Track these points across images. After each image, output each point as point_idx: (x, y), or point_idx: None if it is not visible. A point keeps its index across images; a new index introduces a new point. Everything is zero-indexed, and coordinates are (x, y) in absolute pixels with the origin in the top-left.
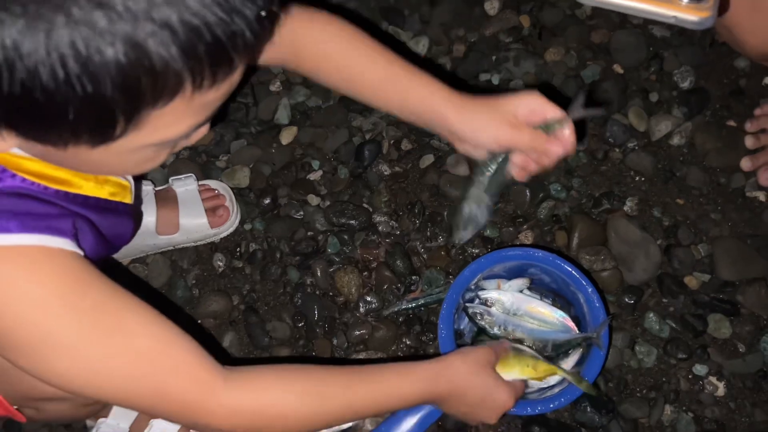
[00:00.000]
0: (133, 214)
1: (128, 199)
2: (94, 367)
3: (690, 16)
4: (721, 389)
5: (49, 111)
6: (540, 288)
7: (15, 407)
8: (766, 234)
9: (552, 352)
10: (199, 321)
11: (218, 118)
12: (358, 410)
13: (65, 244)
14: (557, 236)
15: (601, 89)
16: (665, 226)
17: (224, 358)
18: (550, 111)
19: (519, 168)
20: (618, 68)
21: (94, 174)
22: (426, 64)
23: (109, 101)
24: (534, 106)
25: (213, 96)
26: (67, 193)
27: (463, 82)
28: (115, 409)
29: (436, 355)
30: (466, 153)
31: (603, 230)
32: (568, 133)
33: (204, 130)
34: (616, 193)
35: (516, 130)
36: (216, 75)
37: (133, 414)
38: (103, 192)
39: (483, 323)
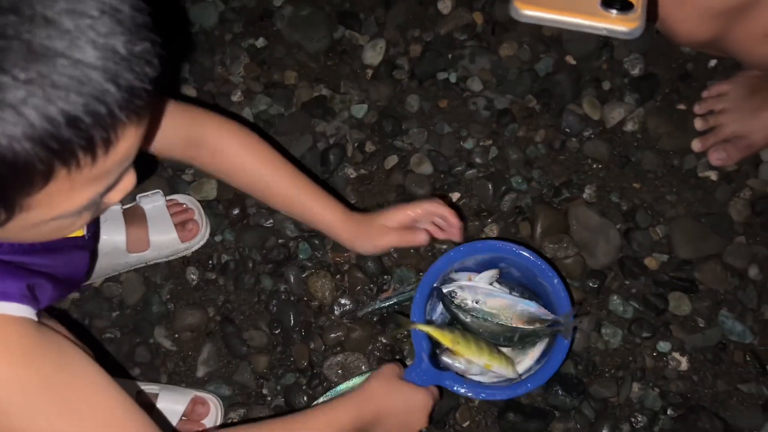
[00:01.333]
0: (87, 246)
1: (80, 232)
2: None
3: (620, 27)
4: (684, 364)
5: None
6: (509, 282)
7: None
8: (718, 212)
9: (518, 342)
10: (176, 335)
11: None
12: None
13: (15, 309)
14: (521, 227)
15: (555, 81)
16: (624, 210)
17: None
18: (409, 217)
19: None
20: (570, 59)
21: (24, 242)
22: (386, 67)
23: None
24: (400, 217)
25: (102, 167)
26: (12, 244)
27: (422, 83)
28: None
29: (412, 351)
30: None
31: (564, 218)
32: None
33: (127, 184)
34: (575, 181)
35: (386, 235)
36: (94, 149)
37: None
38: None
39: (457, 301)
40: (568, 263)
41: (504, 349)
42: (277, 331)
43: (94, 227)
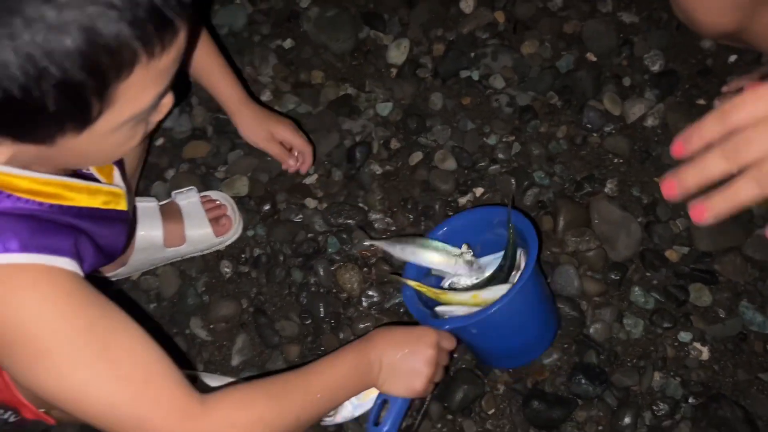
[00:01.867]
0: (127, 221)
1: (122, 206)
2: (80, 389)
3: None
4: (705, 353)
5: (32, 108)
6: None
7: (42, 410)
8: None
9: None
10: (212, 326)
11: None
12: (320, 399)
13: (64, 263)
14: (543, 221)
15: (576, 78)
16: (644, 204)
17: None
18: (296, 141)
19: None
20: (591, 56)
21: (83, 165)
22: (410, 66)
23: (80, 85)
24: (285, 134)
25: (166, 62)
26: (61, 206)
27: (445, 81)
28: None
29: None
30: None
31: (586, 212)
32: (307, 161)
33: (168, 102)
34: (597, 176)
35: (268, 143)
36: (163, 40)
37: None
38: (96, 201)
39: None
40: (590, 256)
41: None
42: (307, 322)
43: (132, 211)
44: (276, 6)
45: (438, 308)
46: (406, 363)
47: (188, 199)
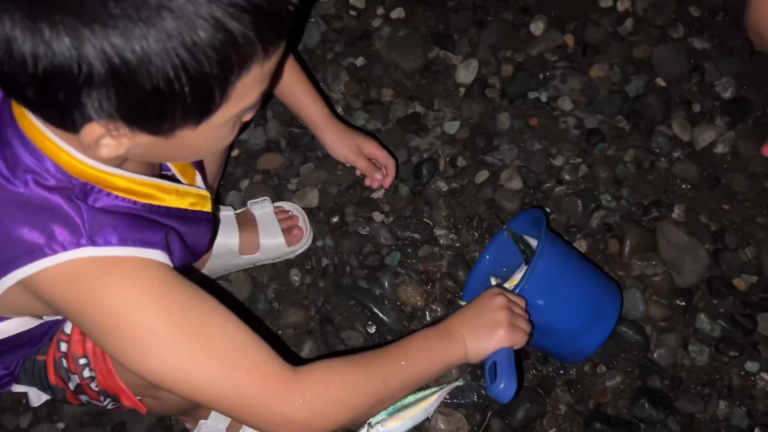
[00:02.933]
0: (210, 221)
1: (207, 208)
2: (180, 364)
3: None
4: None
5: (168, 99)
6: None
7: (138, 398)
8: None
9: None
10: (280, 332)
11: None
12: (408, 373)
13: (157, 255)
14: (609, 244)
15: (645, 102)
16: (712, 230)
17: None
18: (381, 155)
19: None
20: (660, 81)
21: (186, 160)
22: (479, 86)
23: (210, 77)
24: (372, 148)
25: (273, 63)
26: (152, 206)
27: (513, 101)
28: (213, 412)
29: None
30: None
31: (653, 237)
32: (391, 174)
33: (256, 106)
34: (664, 201)
35: (357, 156)
36: (276, 41)
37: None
38: (184, 203)
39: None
40: (656, 281)
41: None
42: (372, 332)
43: (214, 218)
44: (349, 25)
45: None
46: (481, 319)
47: (263, 209)
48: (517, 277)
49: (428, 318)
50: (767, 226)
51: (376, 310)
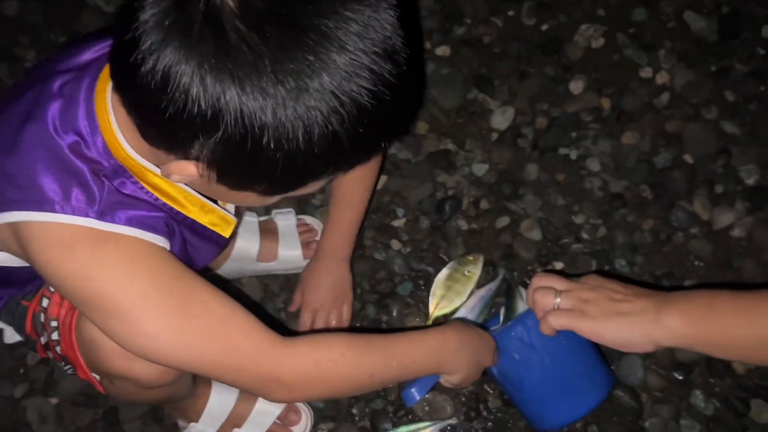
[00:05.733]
0: (222, 246)
1: (226, 234)
2: (175, 329)
3: None
4: None
5: (268, 172)
6: None
7: (94, 376)
8: None
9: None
10: None
11: None
12: (396, 364)
13: (158, 240)
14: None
15: (670, 176)
16: None
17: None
18: (335, 321)
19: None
20: (688, 158)
21: (222, 200)
22: (512, 133)
23: (310, 170)
24: (334, 315)
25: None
26: (172, 208)
27: (543, 154)
28: (203, 416)
29: (499, 396)
30: None
31: None
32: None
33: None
34: (676, 274)
35: (308, 309)
36: (373, 156)
37: (219, 421)
38: (204, 219)
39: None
40: (659, 353)
41: None
42: None
43: (231, 237)
44: None
45: None
46: (475, 355)
47: (286, 220)
48: None
49: None
50: None
51: None
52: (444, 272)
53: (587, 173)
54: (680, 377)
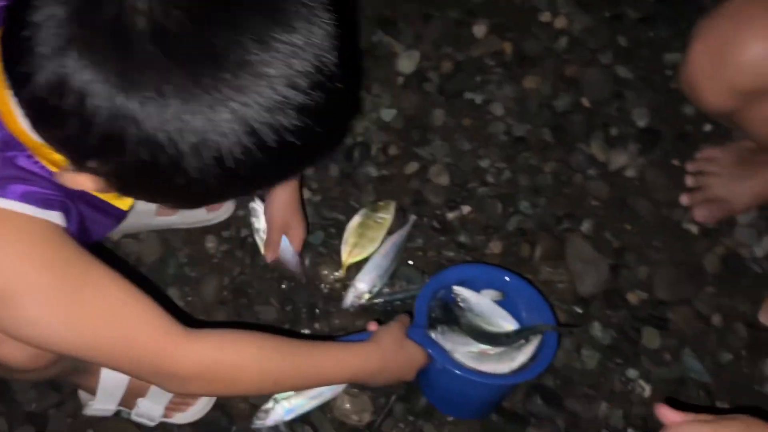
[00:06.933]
0: (120, 218)
1: (125, 206)
2: (64, 315)
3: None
4: (647, 391)
5: (174, 192)
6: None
7: None
8: (695, 262)
9: (512, 340)
10: (189, 298)
11: None
12: (305, 376)
13: (54, 217)
14: (522, 248)
15: (570, 119)
16: (615, 248)
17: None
18: (297, 245)
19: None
20: (586, 102)
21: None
22: (418, 78)
23: (236, 192)
24: (296, 236)
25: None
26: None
27: (449, 99)
28: (98, 394)
29: None
30: None
31: (562, 246)
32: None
33: None
34: (576, 214)
35: (278, 228)
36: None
37: (117, 396)
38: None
39: (462, 305)
40: (560, 287)
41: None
42: (287, 309)
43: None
44: None
45: (434, 334)
46: (399, 369)
47: None
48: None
49: (344, 300)
50: (661, 250)
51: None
52: (355, 219)
53: (492, 117)
54: (581, 311)
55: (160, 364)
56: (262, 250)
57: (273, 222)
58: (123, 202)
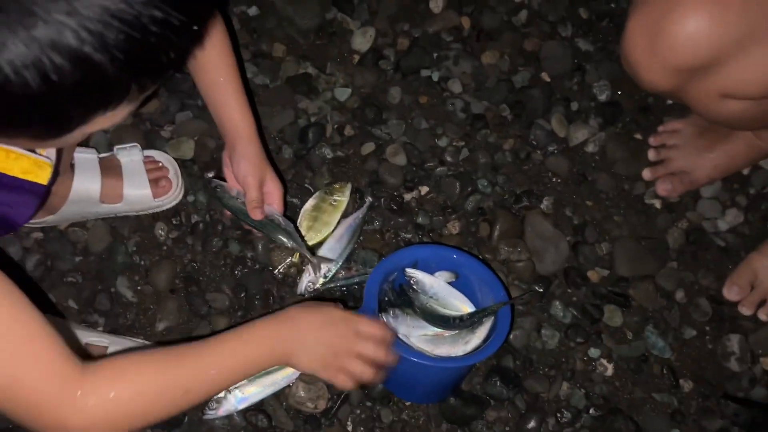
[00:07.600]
0: (41, 194)
1: (41, 179)
2: None
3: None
4: (609, 370)
5: (16, 114)
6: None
7: None
8: (657, 237)
9: (460, 323)
10: (139, 288)
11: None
12: (208, 380)
13: None
14: (481, 227)
15: (529, 95)
16: (575, 224)
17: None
18: (277, 204)
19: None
20: (545, 76)
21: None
22: (373, 55)
23: (69, 111)
24: (274, 190)
25: (152, 88)
26: None
27: (405, 76)
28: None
29: None
30: None
31: (521, 225)
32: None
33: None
34: (535, 191)
35: (255, 187)
36: (159, 78)
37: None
38: (13, 169)
39: (415, 288)
40: (519, 266)
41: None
42: (241, 295)
43: (53, 179)
44: None
45: (387, 319)
46: (329, 356)
47: (131, 156)
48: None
49: (298, 285)
50: (622, 225)
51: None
52: (310, 202)
53: (449, 95)
54: (540, 290)
55: (46, 418)
56: (250, 214)
57: (247, 181)
58: (38, 175)
